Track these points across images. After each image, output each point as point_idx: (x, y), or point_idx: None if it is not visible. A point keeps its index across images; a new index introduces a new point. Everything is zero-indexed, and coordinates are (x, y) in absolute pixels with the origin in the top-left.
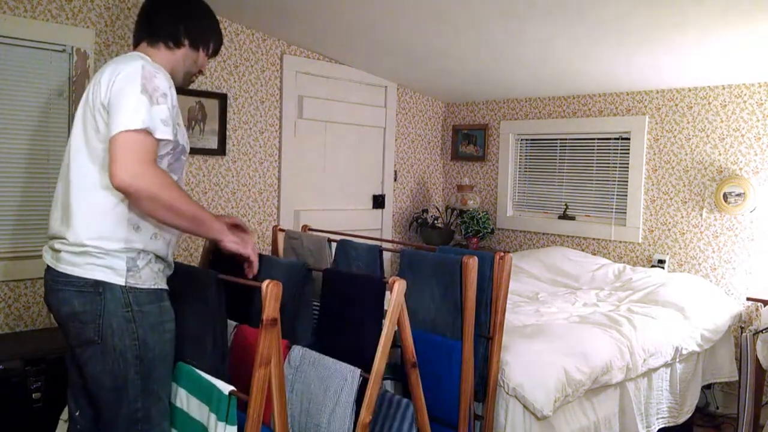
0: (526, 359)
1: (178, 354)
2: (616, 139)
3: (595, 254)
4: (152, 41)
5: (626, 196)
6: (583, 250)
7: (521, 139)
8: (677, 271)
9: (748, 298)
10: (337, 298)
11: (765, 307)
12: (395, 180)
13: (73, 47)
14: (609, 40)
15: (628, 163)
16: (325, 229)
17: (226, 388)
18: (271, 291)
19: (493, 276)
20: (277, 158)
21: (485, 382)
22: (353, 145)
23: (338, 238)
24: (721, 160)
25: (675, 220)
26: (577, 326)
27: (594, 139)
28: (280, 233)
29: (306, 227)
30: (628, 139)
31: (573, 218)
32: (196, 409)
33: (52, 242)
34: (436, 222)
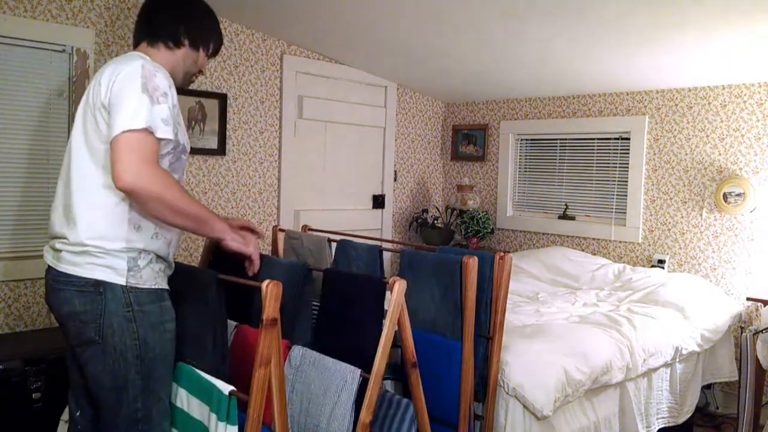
0: (526, 359)
1: (179, 354)
2: (616, 139)
3: (595, 254)
4: (152, 41)
5: (626, 196)
6: (583, 250)
7: (521, 139)
8: (677, 271)
9: (748, 298)
10: (338, 298)
11: (765, 307)
12: (395, 180)
13: (73, 47)
14: (609, 40)
15: (628, 163)
16: (325, 229)
17: (226, 388)
18: (271, 291)
19: (493, 276)
20: (277, 158)
21: (485, 382)
22: (353, 145)
23: (338, 238)
24: (721, 160)
25: (675, 220)
26: (577, 326)
27: (594, 139)
28: (280, 233)
29: (306, 227)
30: (628, 139)
31: (573, 218)
32: (197, 409)
33: (53, 242)
34: (436, 222)
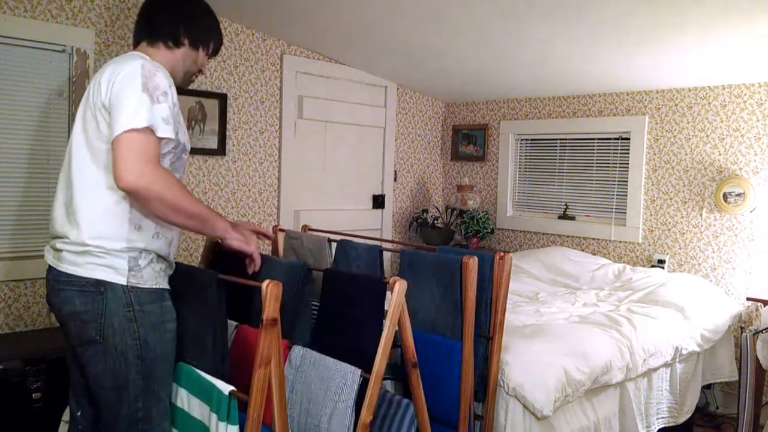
0: (526, 359)
1: (179, 354)
2: (616, 139)
3: (595, 254)
4: (152, 41)
5: (626, 196)
6: (583, 250)
7: (521, 139)
8: (677, 271)
9: (748, 298)
10: (338, 298)
11: (765, 307)
12: (395, 180)
13: (73, 47)
14: (609, 40)
15: (628, 163)
16: (325, 229)
17: (226, 388)
18: (271, 291)
19: (493, 276)
20: (277, 158)
21: (485, 382)
22: (353, 145)
23: (338, 238)
24: (721, 160)
25: (675, 220)
26: (577, 326)
27: (594, 139)
28: (280, 233)
29: (306, 227)
30: (628, 139)
31: (573, 218)
32: (197, 409)
33: (54, 242)
34: (436, 222)
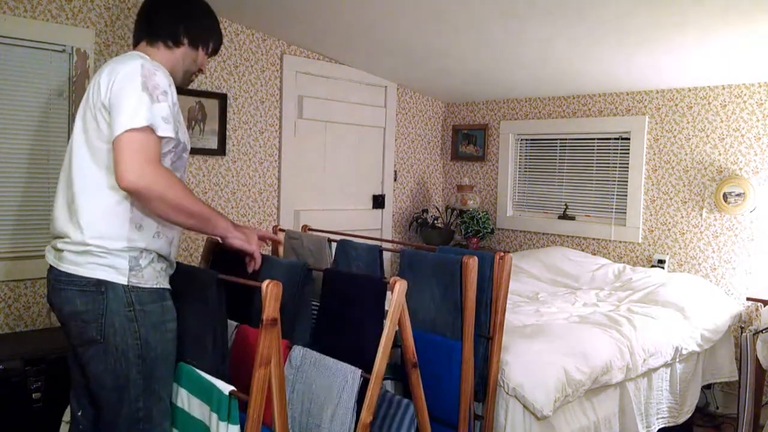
0: (526, 359)
1: (179, 354)
2: (616, 139)
3: (595, 254)
4: (151, 40)
5: (626, 196)
6: (583, 250)
7: (521, 139)
8: (677, 271)
9: (748, 298)
10: (338, 298)
11: (765, 307)
12: (395, 180)
13: (73, 47)
14: (609, 40)
15: (628, 163)
16: (325, 229)
17: (226, 388)
18: (271, 291)
19: (493, 276)
20: (277, 158)
21: (485, 382)
22: (353, 145)
23: (338, 238)
24: (721, 160)
25: (675, 220)
26: (577, 326)
27: (594, 139)
28: (280, 233)
29: (306, 227)
30: (628, 139)
31: (573, 218)
32: (197, 409)
33: (55, 242)
34: (436, 222)
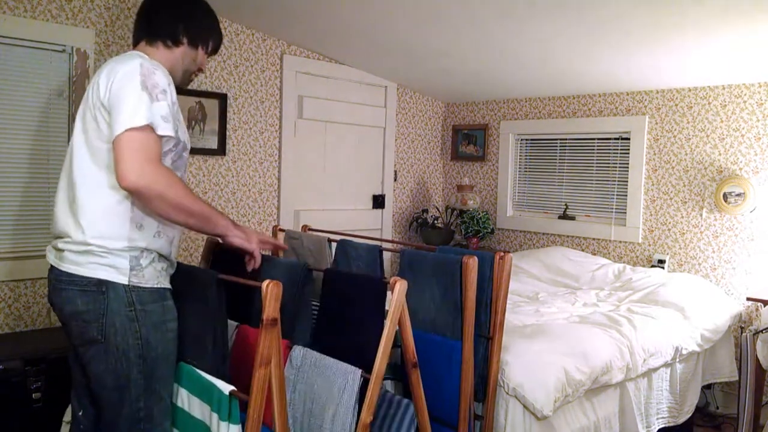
0: (526, 359)
1: (179, 354)
2: (616, 139)
3: (595, 254)
4: (151, 40)
5: (626, 196)
6: (583, 250)
7: (521, 139)
8: (677, 271)
9: (748, 298)
10: (338, 298)
11: (765, 307)
12: (395, 180)
13: (73, 47)
14: (609, 40)
15: (628, 163)
16: (325, 229)
17: (226, 388)
18: (271, 291)
19: (493, 276)
20: (277, 158)
21: (485, 382)
22: (353, 145)
23: (338, 238)
24: (721, 160)
25: (675, 220)
26: (577, 326)
27: (594, 139)
28: (280, 233)
29: (306, 227)
30: (628, 139)
31: (573, 218)
32: (198, 409)
33: (56, 242)
34: (436, 222)
